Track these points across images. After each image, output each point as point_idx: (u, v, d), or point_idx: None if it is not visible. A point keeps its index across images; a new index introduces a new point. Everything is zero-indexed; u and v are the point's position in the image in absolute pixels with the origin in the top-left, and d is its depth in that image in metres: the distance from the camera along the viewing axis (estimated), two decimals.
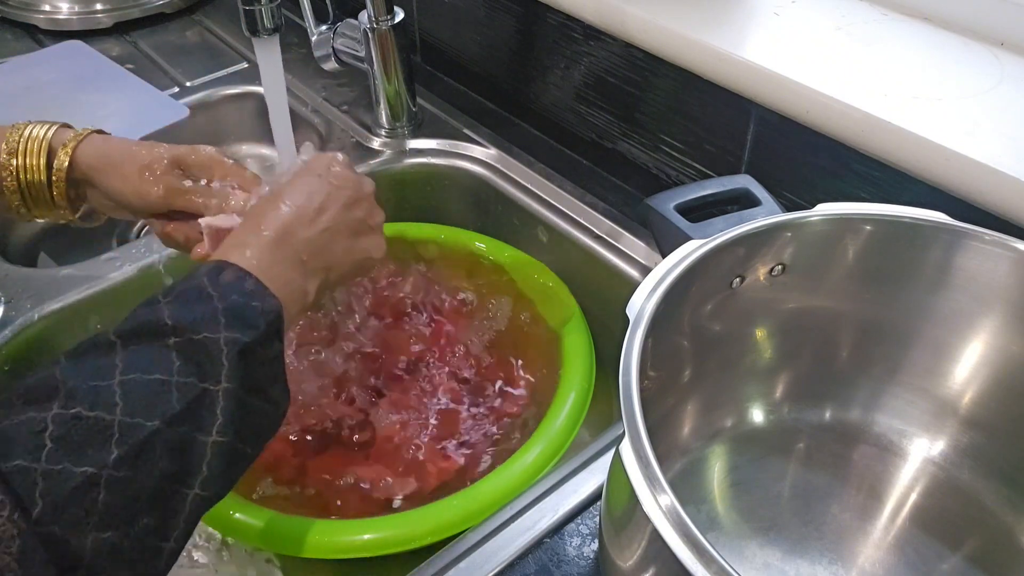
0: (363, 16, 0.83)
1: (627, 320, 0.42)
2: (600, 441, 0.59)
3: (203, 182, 0.58)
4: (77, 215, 0.60)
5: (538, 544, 0.52)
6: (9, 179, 0.56)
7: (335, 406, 0.69)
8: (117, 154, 0.58)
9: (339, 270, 0.54)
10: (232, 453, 0.43)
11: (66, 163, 0.56)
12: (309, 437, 0.68)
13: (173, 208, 0.58)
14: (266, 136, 1.05)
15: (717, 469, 0.54)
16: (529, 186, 0.83)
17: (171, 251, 0.76)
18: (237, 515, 0.59)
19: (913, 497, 0.53)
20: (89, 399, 0.39)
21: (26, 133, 0.56)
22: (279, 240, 0.50)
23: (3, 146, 0.56)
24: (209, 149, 0.59)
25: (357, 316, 0.77)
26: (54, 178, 0.56)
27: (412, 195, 0.90)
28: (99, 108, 0.94)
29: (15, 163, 0.56)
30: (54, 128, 0.57)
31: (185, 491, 0.41)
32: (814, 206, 0.49)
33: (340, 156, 0.57)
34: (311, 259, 0.52)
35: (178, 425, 0.40)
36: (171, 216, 0.59)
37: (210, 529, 0.61)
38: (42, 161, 0.56)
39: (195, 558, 0.68)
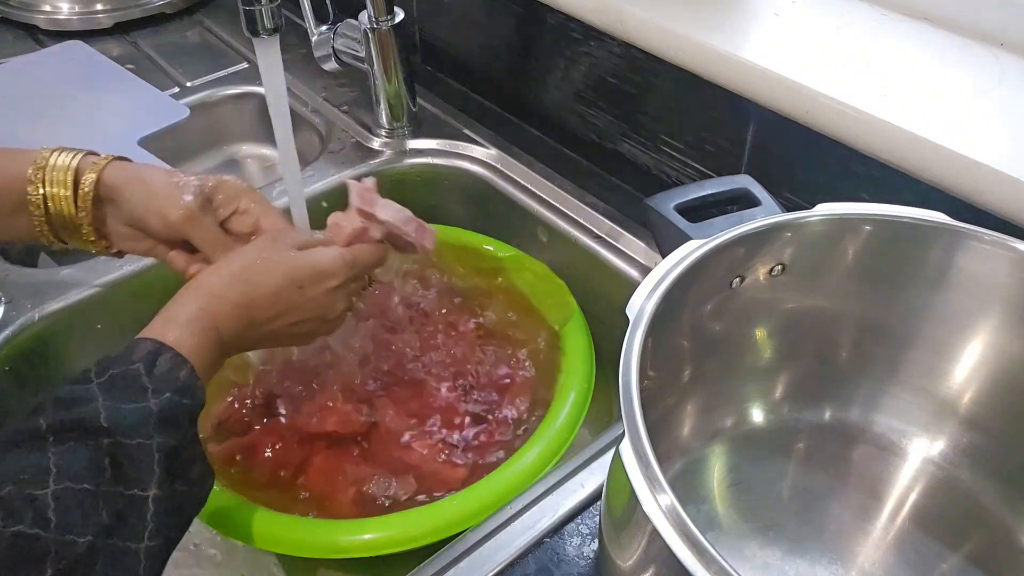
0: (363, 16, 0.83)
1: (627, 320, 0.42)
2: (600, 441, 0.59)
3: (225, 216, 0.59)
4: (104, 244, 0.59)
5: (538, 544, 0.52)
6: (36, 209, 0.56)
7: (335, 406, 0.69)
8: (147, 171, 0.58)
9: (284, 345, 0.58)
10: (163, 549, 0.44)
11: (93, 183, 0.55)
12: (310, 438, 0.68)
13: (186, 236, 0.57)
14: (266, 136, 1.06)
15: (717, 469, 0.54)
16: (529, 186, 0.84)
17: None
18: (237, 515, 0.59)
19: (913, 497, 0.53)
20: (28, 515, 0.38)
21: (52, 161, 0.56)
22: (230, 335, 0.52)
23: (29, 173, 0.55)
24: (238, 181, 0.60)
25: (356, 316, 0.77)
26: (79, 203, 0.56)
27: (412, 195, 0.90)
28: (99, 108, 0.94)
29: (42, 192, 0.55)
30: (80, 155, 0.57)
31: None
32: (814, 206, 0.49)
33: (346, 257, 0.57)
34: (249, 347, 0.55)
35: (109, 537, 0.40)
36: (188, 250, 0.59)
37: (210, 529, 0.61)
38: (68, 192, 0.55)
39: (194, 558, 0.68)
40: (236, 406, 0.69)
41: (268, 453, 0.66)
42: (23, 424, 0.42)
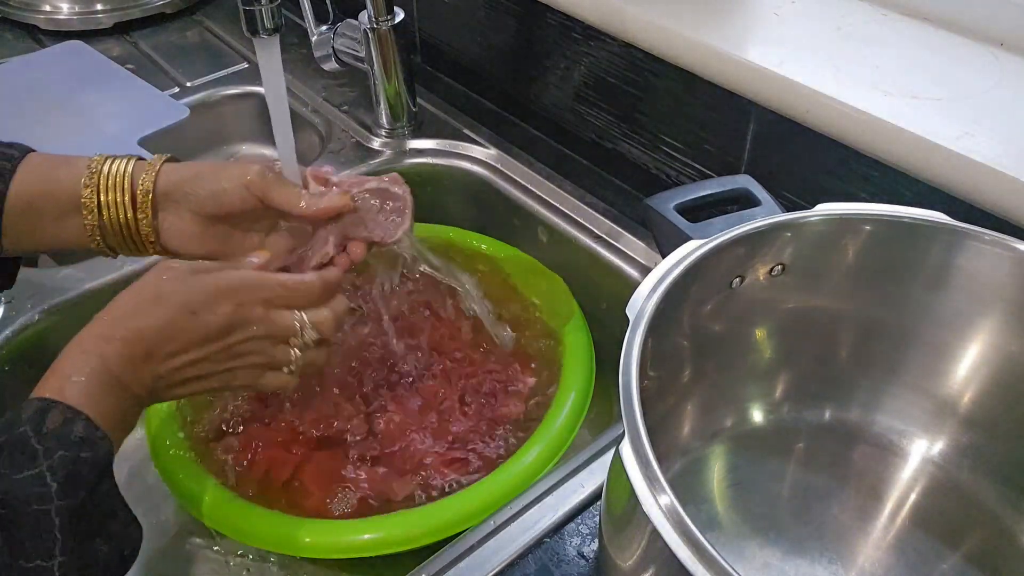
0: (363, 16, 0.83)
1: (627, 320, 0.42)
2: (600, 441, 0.59)
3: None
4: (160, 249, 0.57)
5: (538, 544, 0.52)
6: (89, 214, 0.54)
7: (335, 406, 0.69)
8: (208, 165, 0.57)
9: (214, 389, 0.52)
10: None
11: (152, 183, 0.54)
12: (310, 437, 0.68)
13: (266, 196, 0.55)
14: (266, 136, 1.05)
15: (717, 469, 0.54)
16: (529, 186, 0.84)
17: None
18: (237, 515, 0.59)
19: (913, 497, 0.53)
20: None
21: (106, 168, 0.54)
22: (128, 376, 0.47)
23: (84, 179, 0.54)
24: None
25: (356, 316, 0.77)
26: (139, 206, 0.54)
27: (412, 195, 0.90)
28: (99, 108, 0.94)
29: (96, 199, 0.54)
30: (132, 161, 0.55)
31: None
32: (814, 206, 0.49)
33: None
34: (161, 389, 0.49)
35: None
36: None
37: (210, 529, 0.61)
38: (126, 197, 0.54)
39: (194, 558, 0.68)
40: (236, 406, 0.69)
41: (267, 453, 0.66)
42: None
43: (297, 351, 0.54)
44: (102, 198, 0.54)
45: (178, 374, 0.50)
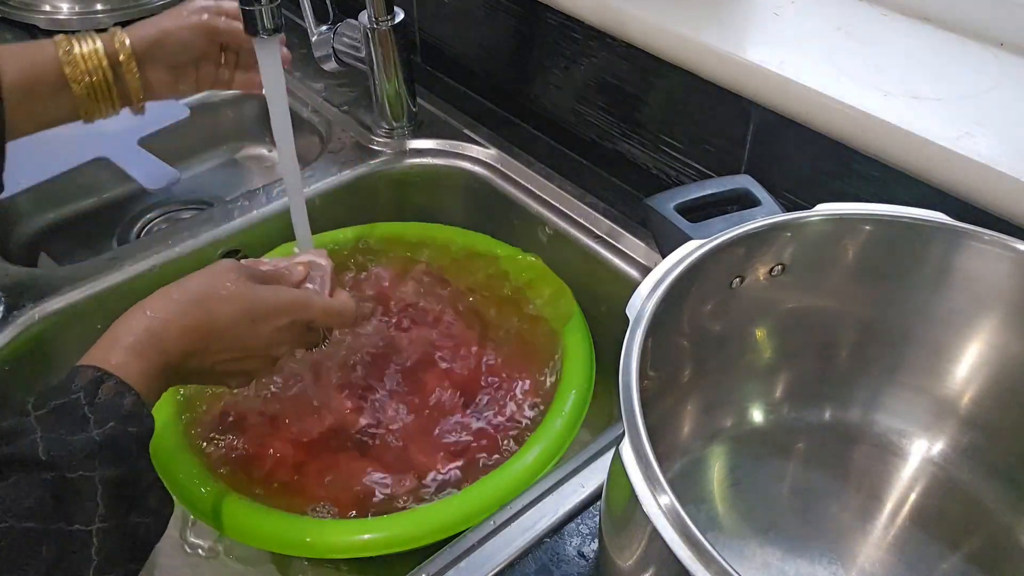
0: (363, 16, 0.83)
1: (627, 320, 0.42)
2: (600, 441, 0.59)
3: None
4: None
5: (538, 544, 0.52)
6: (76, 84, 0.63)
7: (335, 406, 0.69)
8: (167, 21, 0.68)
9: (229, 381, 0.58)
10: None
11: (128, 45, 0.65)
12: (310, 437, 0.68)
13: (218, 36, 0.68)
14: (266, 136, 1.06)
15: (717, 469, 0.54)
16: (529, 186, 0.84)
17: (170, 252, 0.76)
18: (237, 514, 0.59)
19: (913, 497, 0.53)
20: None
21: (78, 49, 0.63)
22: (178, 362, 0.50)
23: (60, 56, 0.62)
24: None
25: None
26: (124, 65, 0.65)
27: (412, 195, 0.90)
28: None
29: (81, 71, 0.63)
30: (97, 37, 0.64)
31: None
32: (814, 206, 0.49)
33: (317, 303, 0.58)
34: (192, 378, 0.54)
35: (53, 574, 0.39)
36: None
37: (210, 528, 0.61)
38: (106, 63, 0.64)
39: (194, 558, 0.68)
40: (235, 405, 0.69)
41: (267, 452, 0.66)
42: None
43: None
44: (83, 67, 0.63)
45: (214, 367, 0.54)
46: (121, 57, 0.64)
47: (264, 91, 0.62)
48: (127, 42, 0.65)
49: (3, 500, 0.39)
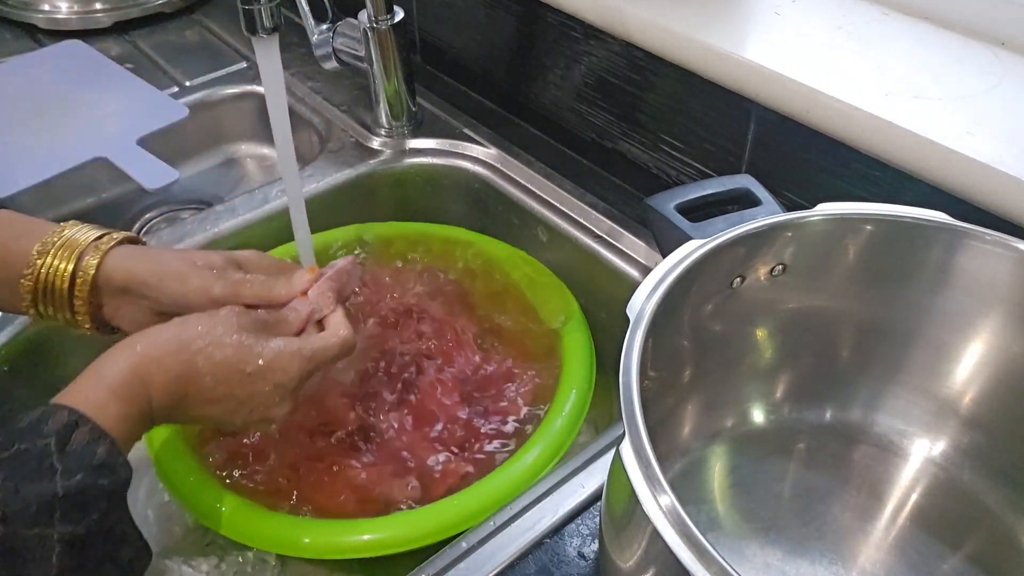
0: (363, 16, 0.83)
1: (627, 320, 0.41)
2: (600, 441, 0.59)
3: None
4: (96, 326, 0.56)
5: (538, 544, 0.52)
6: (28, 280, 0.53)
7: (335, 406, 0.69)
8: (169, 258, 0.55)
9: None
10: None
11: (92, 271, 0.53)
12: (309, 437, 0.67)
13: (242, 301, 0.55)
14: (265, 136, 1.05)
15: (717, 469, 0.54)
16: (529, 186, 0.83)
17: None
18: (236, 515, 0.58)
19: (914, 497, 0.53)
20: None
21: (63, 236, 0.54)
22: (160, 408, 0.47)
23: (36, 245, 0.53)
24: (260, 255, 0.59)
25: (356, 316, 0.76)
26: (78, 286, 0.53)
27: (412, 195, 0.90)
28: (98, 108, 0.94)
29: (41, 263, 0.53)
30: (95, 234, 0.55)
31: None
32: (814, 206, 0.49)
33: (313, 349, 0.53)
34: (172, 422, 0.50)
35: None
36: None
37: (209, 529, 0.61)
38: (70, 267, 0.53)
39: (195, 558, 0.68)
40: None
41: (267, 453, 0.66)
42: None
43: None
44: (46, 261, 0.52)
45: (193, 419, 0.51)
46: (78, 292, 0.53)
47: (264, 91, 0.62)
48: (90, 272, 0.53)
49: None
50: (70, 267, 0.53)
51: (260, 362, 0.51)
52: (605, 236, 0.77)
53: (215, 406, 0.50)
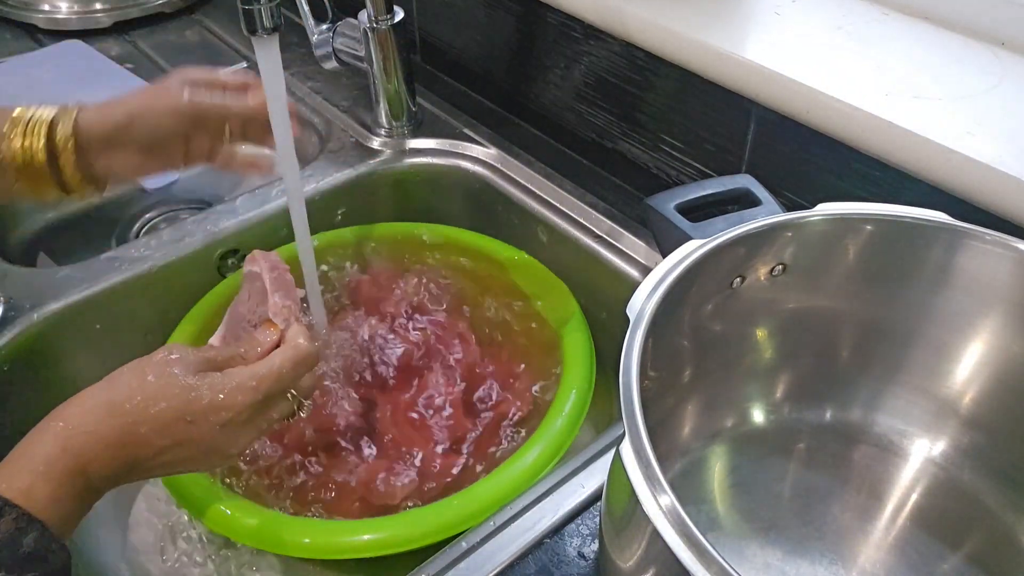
0: (363, 16, 0.83)
1: (627, 320, 0.41)
2: (600, 441, 0.59)
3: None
4: (94, 186, 0.60)
5: (538, 544, 0.52)
6: (11, 161, 0.56)
7: (335, 406, 0.69)
8: (136, 101, 0.60)
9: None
10: None
11: (71, 133, 0.57)
12: (309, 437, 0.67)
13: (203, 115, 0.61)
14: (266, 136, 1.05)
15: (717, 469, 0.54)
16: (529, 186, 0.83)
17: (169, 252, 0.76)
18: (236, 515, 0.58)
19: (914, 497, 0.53)
20: None
21: (26, 116, 0.57)
22: (103, 477, 0.44)
23: (4, 130, 0.56)
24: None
25: (356, 316, 0.76)
26: (63, 153, 0.57)
27: (412, 195, 0.90)
28: None
29: (16, 145, 0.56)
30: (53, 110, 0.58)
31: None
32: (815, 206, 0.49)
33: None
34: (128, 481, 0.46)
35: None
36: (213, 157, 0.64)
37: (210, 529, 0.61)
38: (41, 143, 0.56)
39: (195, 559, 0.68)
40: None
41: (267, 453, 0.66)
42: None
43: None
44: (18, 143, 0.56)
45: (150, 473, 0.48)
46: (59, 142, 0.57)
47: (264, 91, 0.62)
48: (68, 128, 0.57)
49: None
50: (42, 142, 0.56)
51: (202, 404, 0.47)
52: (605, 236, 0.77)
53: (167, 456, 0.47)
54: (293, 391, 0.52)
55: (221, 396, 0.48)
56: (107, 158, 0.59)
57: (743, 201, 0.54)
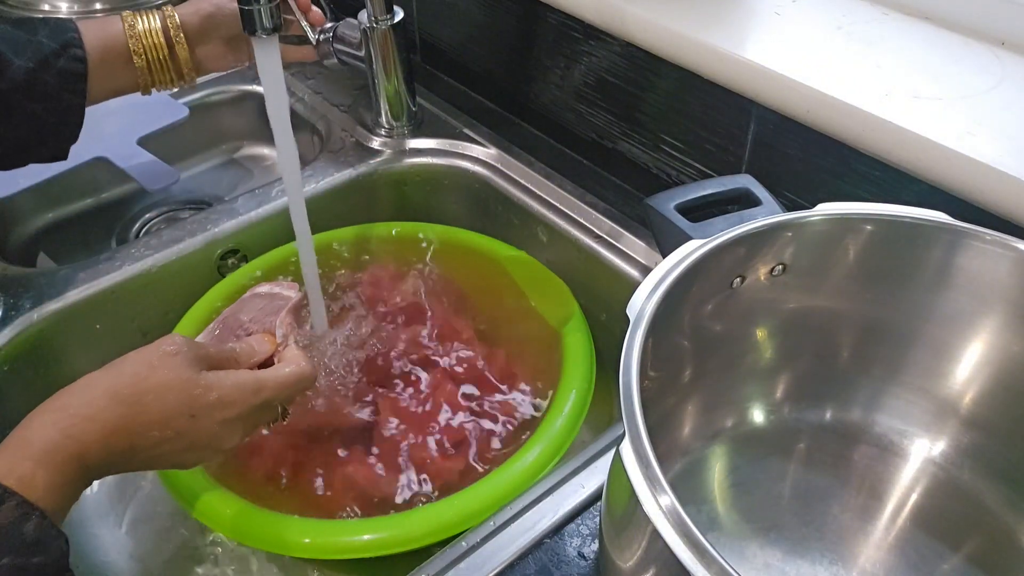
0: (362, 15, 0.83)
1: (627, 320, 0.41)
2: (600, 441, 0.59)
3: None
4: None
5: (538, 544, 0.52)
6: (139, 59, 0.67)
7: (335, 406, 0.69)
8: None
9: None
10: None
11: (179, 26, 0.68)
12: (309, 438, 0.67)
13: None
14: (266, 136, 1.05)
15: (717, 469, 0.54)
16: (529, 186, 0.83)
17: (169, 252, 0.76)
18: (237, 515, 0.58)
19: (914, 497, 0.53)
20: None
21: (140, 26, 0.67)
22: (99, 464, 0.44)
23: (127, 35, 0.67)
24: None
25: (357, 315, 0.76)
26: (176, 46, 0.68)
27: (412, 195, 0.90)
28: (98, 107, 0.93)
29: (143, 46, 0.67)
30: (155, 16, 0.68)
31: None
32: (815, 206, 0.49)
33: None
34: (119, 472, 0.47)
35: None
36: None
37: (209, 529, 0.61)
38: (162, 39, 0.68)
39: (195, 558, 0.68)
40: None
41: (267, 452, 0.66)
42: None
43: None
44: (143, 43, 0.67)
45: (142, 465, 0.48)
46: (172, 34, 0.68)
47: (263, 91, 0.62)
48: (177, 19, 0.68)
49: None
50: (161, 38, 0.68)
51: (206, 400, 0.48)
52: (605, 236, 0.77)
53: (164, 447, 0.47)
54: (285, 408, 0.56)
55: (226, 395, 0.49)
56: (202, 48, 0.70)
57: (743, 201, 0.54)
